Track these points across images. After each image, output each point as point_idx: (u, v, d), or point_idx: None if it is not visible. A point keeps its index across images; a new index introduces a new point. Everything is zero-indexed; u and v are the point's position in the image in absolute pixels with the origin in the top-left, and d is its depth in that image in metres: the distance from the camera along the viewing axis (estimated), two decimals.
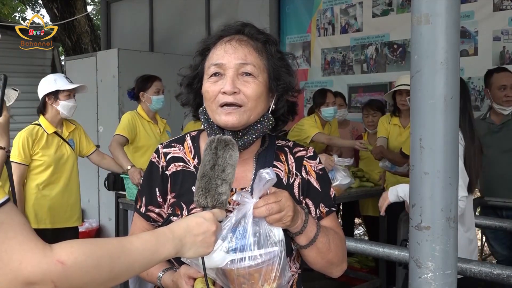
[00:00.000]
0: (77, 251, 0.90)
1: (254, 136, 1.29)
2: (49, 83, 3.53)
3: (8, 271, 0.84)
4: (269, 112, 1.32)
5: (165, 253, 1.04)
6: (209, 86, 1.27)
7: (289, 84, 1.32)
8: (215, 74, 1.26)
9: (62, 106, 3.53)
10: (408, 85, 3.04)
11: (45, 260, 0.86)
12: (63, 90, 3.51)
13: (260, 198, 1.17)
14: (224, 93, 1.23)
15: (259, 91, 1.25)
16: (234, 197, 1.17)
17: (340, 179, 3.76)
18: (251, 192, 1.20)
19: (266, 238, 1.16)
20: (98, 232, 5.96)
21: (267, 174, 1.15)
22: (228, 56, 1.25)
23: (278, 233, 1.18)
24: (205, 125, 1.32)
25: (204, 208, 1.13)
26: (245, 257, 1.13)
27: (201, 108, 1.35)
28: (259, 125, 1.29)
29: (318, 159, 1.40)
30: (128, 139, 3.92)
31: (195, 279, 1.21)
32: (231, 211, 1.19)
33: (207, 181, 1.12)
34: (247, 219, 1.16)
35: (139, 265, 1.00)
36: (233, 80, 1.23)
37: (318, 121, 4.50)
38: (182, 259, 1.17)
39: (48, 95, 3.52)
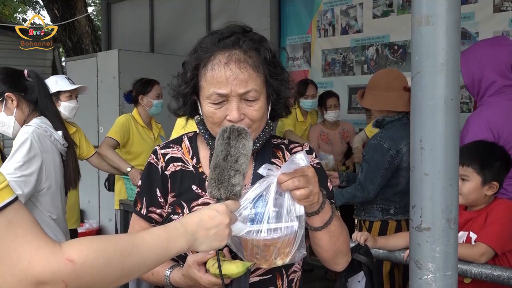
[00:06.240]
0: (87, 249, 0.88)
1: (258, 145, 1.32)
2: (50, 85, 3.53)
3: (17, 271, 0.82)
4: (268, 117, 1.35)
5: (178, 248, 1.02)
6: (213, 112, 1.26)
7: (285, 83, 1.34)
8: (218, 102, 1.25)
9: (64, 107, 3.54)
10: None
11: (55, 259, 0.84)
12: (65, 91, 3.52)
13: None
14: (230, 120, 1.24)
15: (263, 110, 1.28)
16: (260, 171, 1.15)
17: None
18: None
19: (286, 212, 1.13)
20: (98, 233, 5.96)
21: (301, 160, 1.12)
22: (230, 85, 1.23)
23: (299, 209, 1.15)
24: (206, 136, 1.34)
25: (217, 199, 1.11)
26: (262, 229, 1.12)
27: (198, 118, 1.36)
28: (261, 134, 1.33)
29: (314, 154, 1.43)
30: (119, 143, 3.91)
31: (205, 263, 1.20)
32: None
33: (219, 172, 1.10)
34: (270, 191, 1.13)
35: (151, 261, 0.98)
36: (238, 108, 1.24)
37: (299, 111, 4.71)
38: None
39: None
